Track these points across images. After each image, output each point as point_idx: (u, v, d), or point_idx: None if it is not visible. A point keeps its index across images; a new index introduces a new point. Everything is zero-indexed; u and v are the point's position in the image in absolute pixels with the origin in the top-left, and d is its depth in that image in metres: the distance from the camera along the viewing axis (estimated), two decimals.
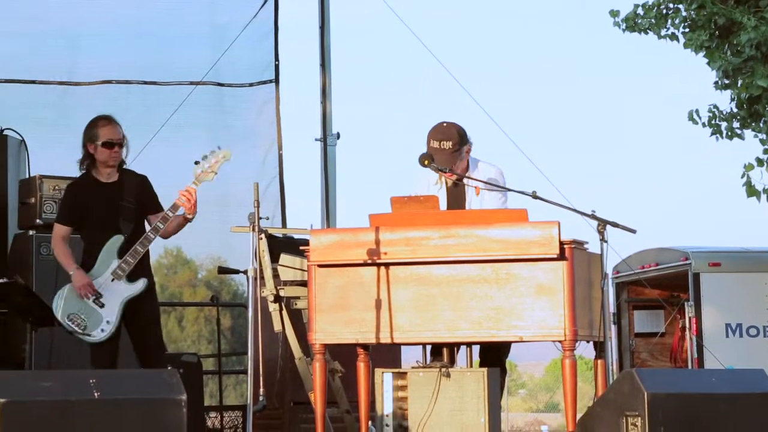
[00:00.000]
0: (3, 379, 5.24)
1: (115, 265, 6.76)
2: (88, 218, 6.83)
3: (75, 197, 6.90)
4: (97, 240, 6.81)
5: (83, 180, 6.95)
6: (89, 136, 6.89)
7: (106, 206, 6.85)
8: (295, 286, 6.79)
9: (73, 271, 6.72)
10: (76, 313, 6.67)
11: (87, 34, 9.79)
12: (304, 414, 7.33)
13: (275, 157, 10.24)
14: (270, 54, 10.27)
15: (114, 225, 6.85)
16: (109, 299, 6.71)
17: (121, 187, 6.92)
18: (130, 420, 5.37)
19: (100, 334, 6.69)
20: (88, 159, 6.91)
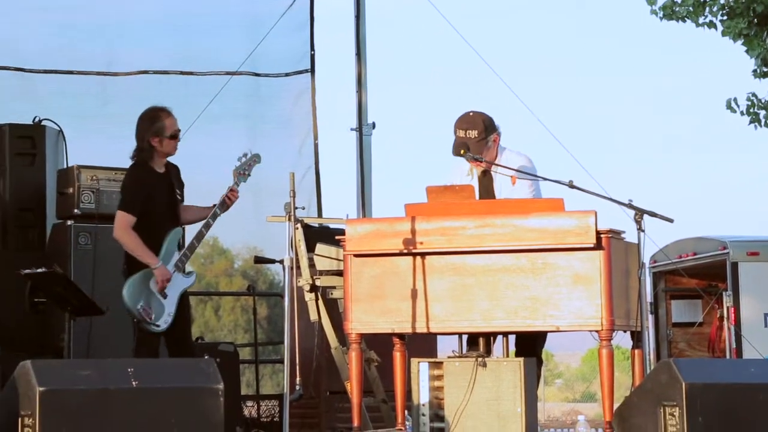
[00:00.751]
0: (42, 368, 5.29)
1: (176, 258, 6.90)
2: (150, 209, 6.90)
3: (138, 187, 6.96)
4: (159, 231, 6.90)
5: (144, 170, 7.00)
6: (156, 130, 6.93)
7: (165, 199, 6.96)
8: (330, 275, 6.81)
9: (158, 264, 6.79)
10: (147, 303, 6.77)
11: (126, 24, 9.83)
12: (340, 403, 7.35)
13: (311, 146, 10.25)
14: (306, 44, 10.28)
15: (173, 217, 6.99)
16: (170, 291, 6.85)
17: (170, 178, 7.02)
18: (167, 409, 5.41)
19: (164, 324, 6.82)
20: (145, 152, 6.96)
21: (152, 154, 6.97)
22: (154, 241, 6.87)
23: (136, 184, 6.98)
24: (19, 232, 8.32)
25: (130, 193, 6.97)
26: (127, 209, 6.91)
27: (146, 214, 6.90)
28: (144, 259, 6.81)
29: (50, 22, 9.51)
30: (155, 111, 7.03)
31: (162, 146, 6.96)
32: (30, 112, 8.59)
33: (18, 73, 9.42)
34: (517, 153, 6.77)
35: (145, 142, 6.96)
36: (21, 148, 8.36)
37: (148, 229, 6.88)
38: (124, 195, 7.02)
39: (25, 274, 7.03)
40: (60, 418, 5.17)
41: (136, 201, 6.91)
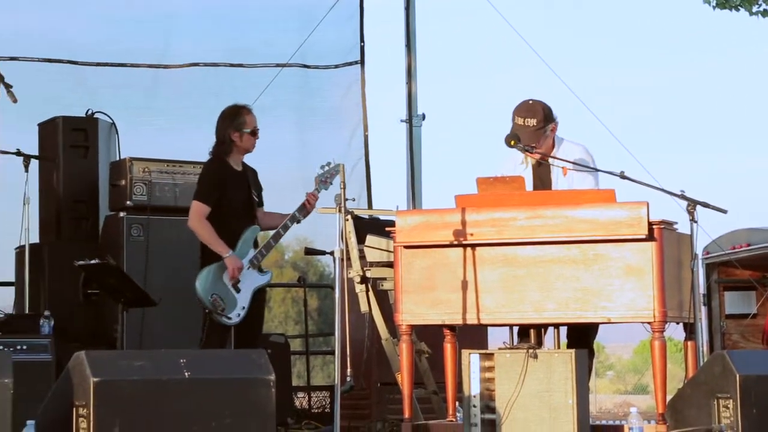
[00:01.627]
0: (96, 359, 5.35)
1: (251, 254, 7.01)
2: (222, 201, 6.99)
3: (214, 179, 7.09)
4: (234, 226, 6.98)
5: (220, 163, 7.13)
6: (236, 124, 7.09)
7: (240, 195, 7.05)
8: (381, 267, 6.82)
9: (229, 254, 6.87)
10: (218, 294, 6.84)
11: (177, 17, 9.90)
12: (391, 395, 7.36)
13: (361, 138, 10.27)
14: (356, 35, 10.29)
15: (250, 214, 7.09)
16: (244, 286, 6.93)
17: (246, 178, 7.13)
18: (219, 399, 5.44)
19: (236, 317, 6.90)
20: (224, 146, 7.07)
21: (231, 149, 7.12)
22: (228, 235, 6.97)
23: (211, 176, 7.13)
24: (73, 223, 8.41)
25: (205, 184, 7.11)
26: (201, 199, 7.04)
27: (220, 208, 7.03)
28: (215, 248, 6.92)
29: (102, 14, 9.59)
30: (237, 107, 7.22)
31: (241, 141, 7.12)
32: (83, 104, 8.69)
33: (71, 66, 9.52)
34: (575, 143, 6.73)
35: (226, 136, 7.10)
36: (74, 140, 8.46)
37: (221, 222, 7.00)
38: (199, 185, 7.17)
39: (79, 265, 7.11)
40: (114, 409, 5.22)
41: (211, 192, 7.04)
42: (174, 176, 8.16)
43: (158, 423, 5.31)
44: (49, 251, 8.21)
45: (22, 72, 8.97)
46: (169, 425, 5.33)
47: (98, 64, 9.61)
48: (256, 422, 5.46)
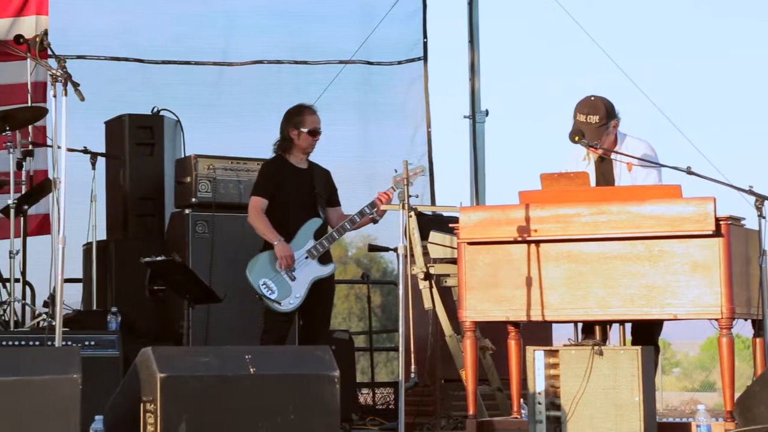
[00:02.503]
0: (163, 355, 5.40)
1: (310, 245, 7.08)
2: (281, 196, 7.08)
3: (271, 174, 7.24)
4: (292, 219, 7.07)
5: (278, 160, 7.30)
6: (294, 122, 7.22)
7: (301, 190, 7.13)
8: (444, 263, 6.83)
9: (278, 241, 6.98)
10: (270, 280, 6.92)
11: (241, 14, 9.97)
12: (455, 391, 7.36)
13: (424, 134, 10.27)
14: (418, 31, 10.29)
15: (311, 208, 7.18)
16: (300, 275, 7.00)
17: (312, 176, 7.20)
18: (284, 395, 5.48)
19: (288, 305, 6.98)
20: (285, 143, 7.17)
21: (290, 146, 7.23)
22: (286, 229, 7.06)
23: (267, 171, 7.28)
24: (139, 220, 8.49)
25: (261, 179, 7.28)
26: (257, 193, 7.22)
27: (278, 203, 7.12)
28: (267, 237, 7.07)
29: (167, 12, 9.68)
30: (300, 106, 7.35)
31: (299, 140, 7.22)
32: (148, 102, 8.76)
33: (137, 64, 9.62)
34: (638, 139, 6.68)
35: (286, 133, 7.23)
36: (140, 138, 8.54)
37: (278, 217, 7.10)
38: (256, 181, 7.34)
39: (145, 262, 7.18)
40: (180, 404, 5.28)
41: (267, 186, 7.18)
42: (238, 173, 8.21)
43: (224, 418, 5.36)
44: (115, 248, 8.31)
45: (90, 70, 9.09)
46: (235, 421, 5.38)
47: (164, 62, 9.70)
48: (320, 418, 5.49)
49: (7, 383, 5.06)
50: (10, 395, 5.04)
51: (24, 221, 7.82)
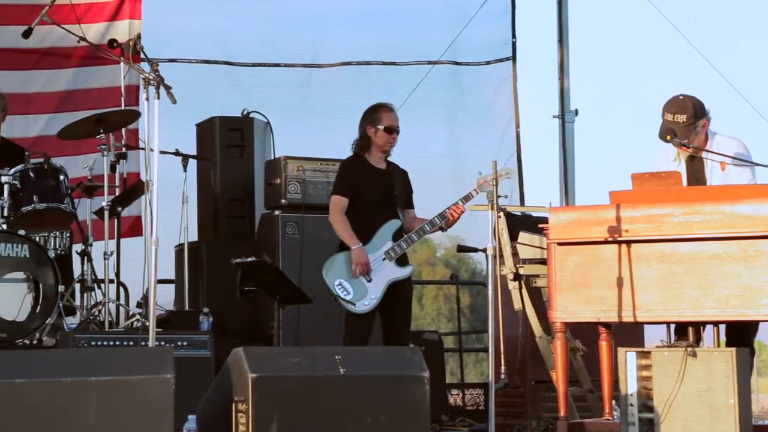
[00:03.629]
0: (255, 355, 5.44)
1: (388, 247, 7.05)
2: (359, 196, 7.09)
3: (350, 173, 7.21)
4: (371, 219, 7.05)
5: (357, 159, 7.26)
6: (371, 120, 7.20)
7: (380, 190, 7.13)
8: (534, 264, 6.78)
9: (356, 246, 6.96)
10: (345, 281, 6.92)
11: (329, 16, 10.01)
12: (545, 392, 7.31)
13: (513, 134, 10.22)
14: (507, 31, 10.25)
15: (390, 209, 7.14)
16: (377, 276, 6.98)
17: (390, 176, 7.20)
18: (374, 396, 5.48)
19: (364, 306, 6.95)
20: (363, 141, 7.17)
21: (368, 144, 7.21)
22: (366, 229, 7.03)
23: (345, 170, 7.26)
24: (230, 221, 8.58)
25: (340, 178, 7.25)
26: (337, 192, 7.20)
27: (357, 203, 7.10)
28: (346, 240, 7.03)
29: (257, 15, 9.77)
30: (377, 105, 7.33)
31: (376, 137, 7.19)
32: (238, 104, 8.85)
33: (227, 67, 9.72)
34: (730, 137, 6.59)
35: (363, 132, 7.21)
36: (231, 140, 8.62)
37: (357, 216, 7.07)
38: (335, 180, 7.31)
39: (236, 263, 7.23)
40: (272, 404, 5.31)
41: (345, 185, 7.16)
42: (327, 174, 8.25)
43: (315, 418, 5.38)
44: (207, 249, 8.39)
45: (181, 73, 9.20)
46: (326, 421, 5.40)
47: (254, 65, 9.78)
48: (410, 419, 5.49)
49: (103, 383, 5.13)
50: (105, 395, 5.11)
51: (117, 223, 7.94)
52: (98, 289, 7.70)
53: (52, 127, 8.83)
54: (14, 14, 8.95)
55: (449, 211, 7.13)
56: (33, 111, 9.14)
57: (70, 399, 5.06)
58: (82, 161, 8.47)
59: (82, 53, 9.09)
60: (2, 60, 9.06)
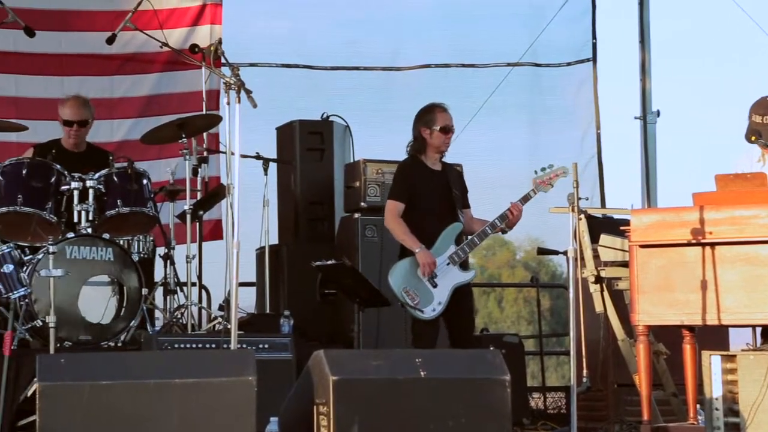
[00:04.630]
0: (335, 358, 5.46)
1: (452, 251, 6.99)
2: (417, 199, 7.04)
3: (408, 177, 7.14)
4: (431, 224, 7.01)
5: (414, 162, 7.18)
6: (425, 121, 7.12)
7: (438, 192, 7.08)
8: (616, 266, 6.72)
9: (419, 249, 6.91)
10: (411, 288, 6.89)
11: (408, 19, 10.02)
12: (628, 396, 7.25)
13: (593, 136, 10.15)
14: (587, 32, 10.17)
15: (451, 212, 7.09)
16: (442, 281, 6.92)
17: (446, 177, 7.15)
18: (455, 399, 5.48)
19: (431, 312, 6.90)
20: (418, 143, 7.13)
21: (424, 146, 7.13)
22: (426, 232, 6.97)
23: (402, 173, 7.18)
24: (310, 224, 8.62)
25: (397, 182, 7.18)
26: (393, 197, 7.12)
27: (414, 205, 7.03)
28: (407, 244, 6.95)
29: (336, 19, 9.80)
30: (430, 105, 7.23)
31: (431, 138, 7.10)
32: (318, 108, 8.89)
33: (307, 71, 9.77)
34: None
35: (418, 133, 7.13)
36: (311, 143, 8.66)
37: (416, 219, 7.01)
38: (392, 184, 7.26)
39: (316, 266, 7.26)
40: (352, 406, 5.33)
41: (403, 189, 7.08)
42: None
43: (396, 421, 5.39)
44: (287, 252, 8.44)
45: (261, 77, 9.27)
46: (407, 424, 5.40)
47: (333, 68, 9.81)
48: (492, 422, 5.47)
49: (185, 385, 5.19)
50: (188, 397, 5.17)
51: (199, 226, 8.01)
52: (181, 292, 7.78)
53: (135, 131, 8.95)
54: (98, 21, 9.09)
55: (509, 212, 7.07)
56: (117, 116, 9.28)
57: (153, 401, 5.12)
58: (164, 165, 8.58)
59: (164, 58, 9.21)
60: (87, 66, 9.21)
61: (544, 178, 7.14)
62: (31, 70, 9.14)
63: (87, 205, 7.23)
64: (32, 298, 6.88)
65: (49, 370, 5.17)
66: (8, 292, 6.82)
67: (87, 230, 7.20)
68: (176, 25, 9.28)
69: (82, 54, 9.20)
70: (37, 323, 6.86)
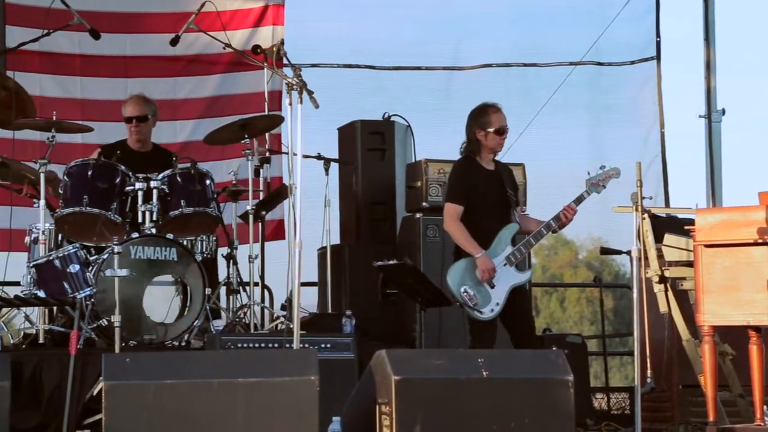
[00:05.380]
0: (397, 358, 5.47)
1: (508, 252, 6.97)
2: (475, 200, 7.02)
3: (465, 178, 7.11)
4: (488, 225, 6.99)
5: (469, 163, 7.14)
6: (480, 123, 7.09)
7: (493, 192, 7.05)
8: (680, 266, 6.67)
9: (480, 254, 6.89)
10: (470, 289, 6.88)
11: (470, 18, 9.99)
12: (693, 397, 7.18)
13: (657, 135, 10.06)
14: (651, 31, 10.08)
15: (506, 212, 7.07)
16: (499, 282, 6.90)
17: (500, 176, 7.12)
18: (517, 399, 5.46)
19: (490, 313, 6.88)
20: (473, 145, 7.10)
21: (478, 147, 7.10)
22: (483, 233, 6.95)
23: (459, 175, 7.14)
24: (371, 225, 8.62)
25: (454, 184, 7.14)
26: (452, 200, 7.08)
27: (473, 207, 7.01)
28: (467, 248, 6.92)
29: (398, 20, 9.81)
30: (483, 106, 7.18)
31: (486, 140, 7.08)
32: (379, 108, 8.89)
33: (368, 71, 9.78)
34: None
35: (472, 135, 7.10)
36: (372, 143, 8.67)
37: (474, 221, 6.99)
38: (449, 186, 7.22)
39: (378, 266, 7.27)
40: (415, 406, 5.33)
41: (461, 191, 7.05)
42: None
43: (458, 421, 5.39)
44: (349, 252, 8.45)
45: (323, 78, 9.29)
46: (469, 424, 5.39)
47: (394, 68, 9.82)
48: (555, 422, 5.45)
49: (249, 384, 5.22)
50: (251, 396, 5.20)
51: (262, 227, 8.05)
52: (243, 291, 7.83)
53: (198, 132, 9.02)
54: (162, 23, 9.17)
55: (562, 214, 7.04)
56: (180, 117, 9.36)
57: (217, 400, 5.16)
58: (226, 166, 8.64)
59: (227, 60, 9.27)
60: (151, 67, 9.30)
61: (597, 180, 7.13)
62: (96, 73, 9.25)
63: (151, 205, 7.29)
64: (98, 298, 6.96)
65: (115, 369, 5.22)
66: (74, 292, 6.91)
67: (151, 230, 7.26)
68: (239, 27, 9.34)
69: (146, 56, 9.30)
70: (102, 323, 6.94)
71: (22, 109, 7.44)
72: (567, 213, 7.02)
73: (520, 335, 6.99)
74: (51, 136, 7.22)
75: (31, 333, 7.22)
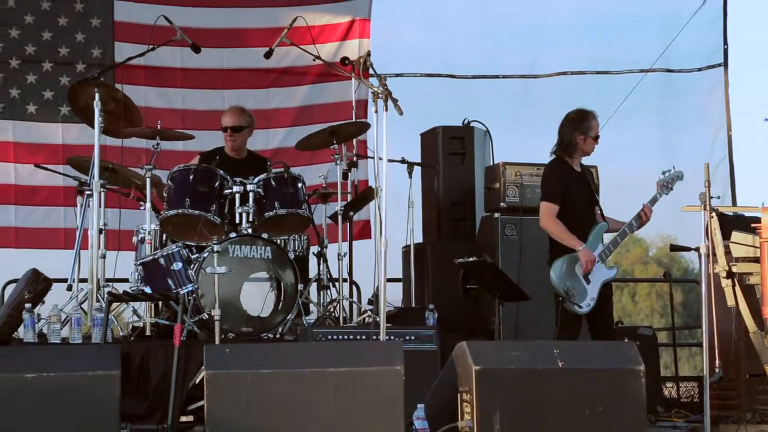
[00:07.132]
0: (477, 349, 5.48)
1: (600, 249, 6.95)
2: (568, 200, 7.02)
3: (558, 177, 7.10)
4: (580, 223, 6.98)
5: (562, 163, 7.14)
6: (583, 128, 7.07)
7: (583, 192, 7.06)
8: (747, 262, 6.59)
9: (582, 247, 6.88)
10: (571, 284, 6.87)
11: (545, 28, 9.96)
12: (760, 386, 7.08)
13: (724, 138, 9.94)
14: (719, 38, 9.96)
15: (593, 211, 7.09)
16: (593, 278, 6.92)
17: (586, 178, 7.14)
18: (592, 388, 5.44)
19: (587, 307, 6.88)
20: (568, 147, 7.08)
21: (574, 150, 7.09)
22: (576, 231, 6.94)
23: (555, 176, 7.12)
24: (452, 224, 8.64)
25: (550, 184, 7.10)
26: (549, 199, 7.05)
27: (566, 206, 6.99)
28: (569, 243, 6.90)
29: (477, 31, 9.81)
30: (585, 112, 7.17)
31: (584, 144, 7.08)
32: (460, 114, 8.89)
33: (449, 80, 9.80)
34: None
35: (572, 138, 7.07)
36: (452, 148, 8.68)
37: (568, 219, 6.96)
38: (545, 186, 7.16)
39: (459, 262, 7.28)
40: (494, 394, 5.34)
41: (556, 191, 7.03)
42: None
43: (535, 409, 5.38)
44: (431, 250, 8.47)
45: (407, 87, 9.32)
46: (546, 412, 5.39)
47: (474, 77, 9.83)
48: (627, 411, 5.42)
49: (339, 374, 5.26)
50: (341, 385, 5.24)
51: (350, 226, 8.10)
52: (333, 287, 7.88)
53: (289, 139, 9.11)
54: (255, 37, 9.28)
55: (642, 213, 7.02)
56: (272, 125, 9.46)
57: (310, 388, 5.21)
58: (316, 170, 8.71)
59: (316, 71, 9.35)
60: (245, 79, 9.41)
61: (665, 182, 7.13)
62: (196, 85, 9.38)
63: (247, 207, 7.37)
64: (199, 294, 7.05)
65: (216, 359, 5.30)
66: (177, 288, 7.02)
67: (247, 230, 7.34)
68: (327, 40, 9.41)
69: (241, 68, 9.40)
70: (203, 316, 7.03)
71: (129, 119, 7.57)
72: (646, 212, 7.02)
73: (601, 329, 6.98)
74: (156, 144, 7.35)
75: (138, 326, 7.34)
